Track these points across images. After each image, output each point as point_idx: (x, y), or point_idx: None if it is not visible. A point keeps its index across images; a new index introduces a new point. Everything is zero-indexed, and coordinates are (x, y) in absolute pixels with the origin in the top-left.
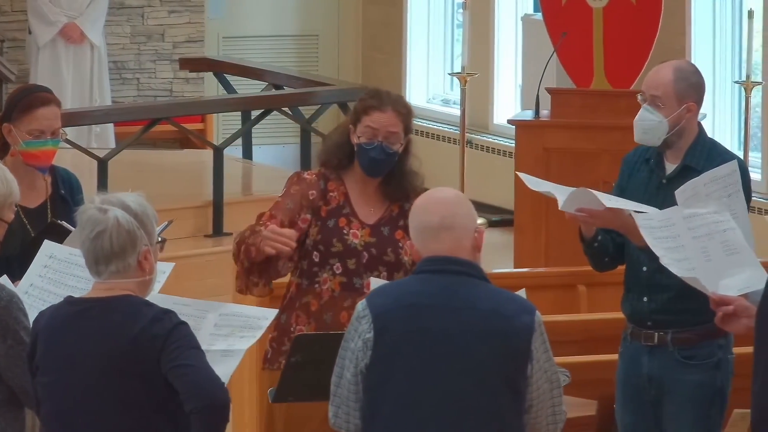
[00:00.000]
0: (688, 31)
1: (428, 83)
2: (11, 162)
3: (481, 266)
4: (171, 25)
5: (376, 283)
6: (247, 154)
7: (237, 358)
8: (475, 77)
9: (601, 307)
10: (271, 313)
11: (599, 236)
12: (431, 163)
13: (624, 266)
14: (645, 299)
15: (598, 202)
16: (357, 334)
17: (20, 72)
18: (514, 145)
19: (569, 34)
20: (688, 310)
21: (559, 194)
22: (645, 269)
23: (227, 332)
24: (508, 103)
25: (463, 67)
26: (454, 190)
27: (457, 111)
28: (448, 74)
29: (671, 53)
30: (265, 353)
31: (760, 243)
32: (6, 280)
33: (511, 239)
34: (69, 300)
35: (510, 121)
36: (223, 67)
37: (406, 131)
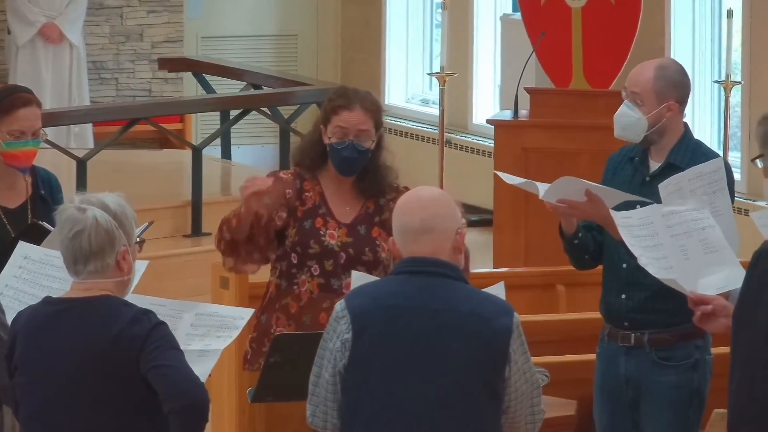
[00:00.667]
0: (667, 30)
1: (407, 83)
2: None
3: (460, 267)
4: (150, 25)
5: (357, 276)
6: (226, 154)
7: (214, 358)
8: (454, 77)
9: (580, 307)
10: (247, 312)
11: (579, 233)
12: (410, 163)
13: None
14: (623, 296)
15: (580, 194)
16: (335, 335)
17: None
18: (493, 145)
19: (548, 34)
20: (665, 309)
21: (540, 185)
22: (625, 266)
23: (203, 332)
24: (487, 103)
25: (442, 67)
26: (439, 189)
27: (436, 111)
28: (427, 74)
29: (650, 53)
30: (245, 354)
31: (741, 242)
32: None
33: (490, 239)
34: (47, 300)
35: (489, 121)
36: (202, 67)
37: (377, 127)
